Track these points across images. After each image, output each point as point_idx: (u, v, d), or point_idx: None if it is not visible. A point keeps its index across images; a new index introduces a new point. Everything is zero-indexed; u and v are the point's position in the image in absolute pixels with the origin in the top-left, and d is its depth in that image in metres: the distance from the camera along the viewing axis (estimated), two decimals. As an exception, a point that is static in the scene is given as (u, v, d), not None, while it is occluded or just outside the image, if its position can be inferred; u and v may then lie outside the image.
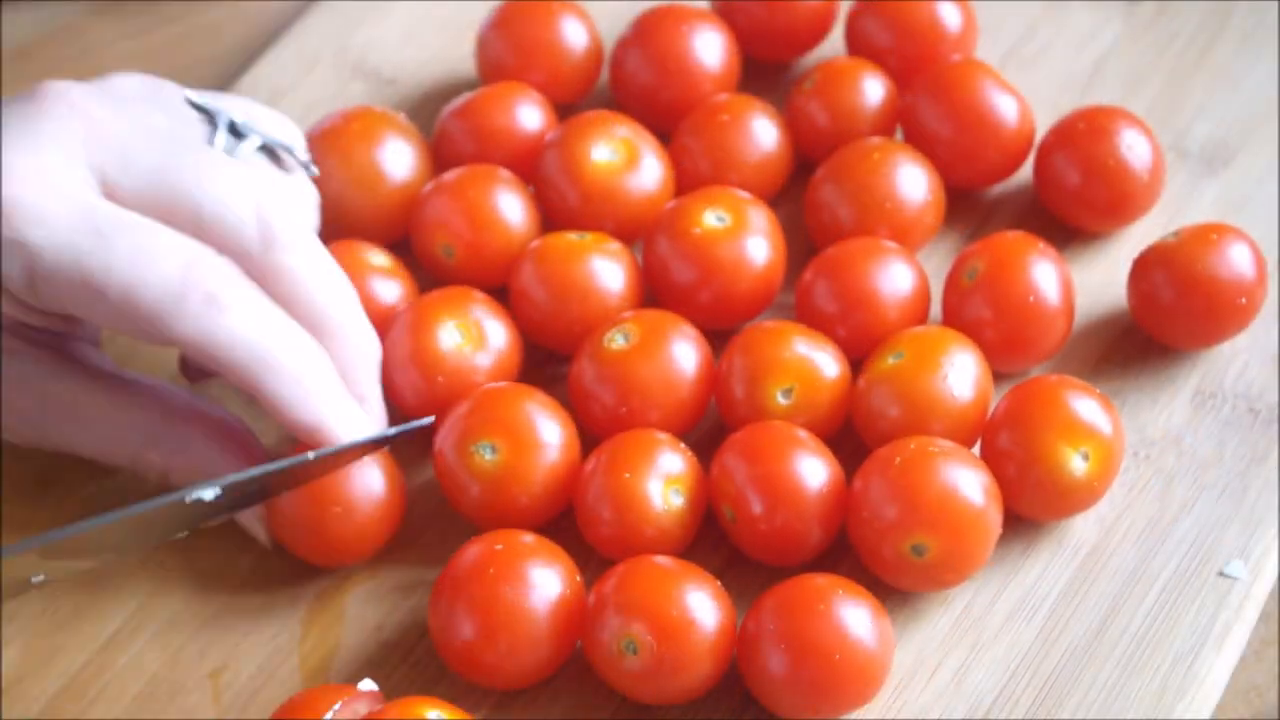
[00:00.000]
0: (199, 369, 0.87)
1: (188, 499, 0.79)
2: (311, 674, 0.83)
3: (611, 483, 0.82)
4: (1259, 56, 1.00)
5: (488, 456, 0.83)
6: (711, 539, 0.85)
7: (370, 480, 0.84)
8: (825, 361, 0.85)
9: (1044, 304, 0.87)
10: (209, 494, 0.79)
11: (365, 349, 0.85)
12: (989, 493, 0.81)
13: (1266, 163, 0.96)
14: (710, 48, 0.97)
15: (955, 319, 0.88)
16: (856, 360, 0.87)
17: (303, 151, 0.88)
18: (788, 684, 0.78)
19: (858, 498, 0.82)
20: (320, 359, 0.82)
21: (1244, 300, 0.87)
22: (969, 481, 0.81)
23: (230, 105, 0.87)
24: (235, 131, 0.86)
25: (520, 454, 0.83)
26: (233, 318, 0.80)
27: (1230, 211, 0.94)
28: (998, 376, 0.88)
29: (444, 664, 0.82)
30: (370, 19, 1.04)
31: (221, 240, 0.81)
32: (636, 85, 0.97)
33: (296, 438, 0.83)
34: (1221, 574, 0.83)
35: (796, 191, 0.95)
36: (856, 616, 0.78)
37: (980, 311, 0.87)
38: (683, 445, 0.84)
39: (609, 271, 0.89)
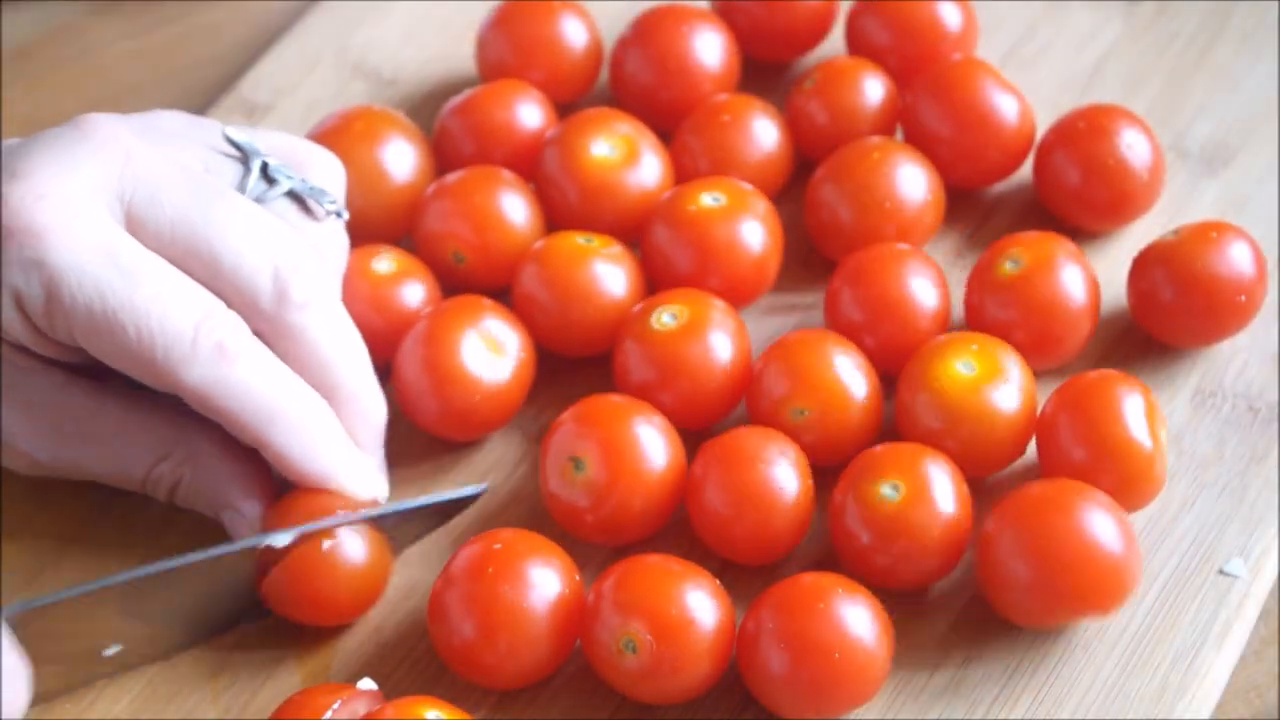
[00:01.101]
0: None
1: (260, 545, 0.80)
2: (311, 674, 0.83)
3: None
4: (1259, 56, 1.00)
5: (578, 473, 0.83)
6: (711, 538, 0.85)
7: (353, 550, 0.82)
8: (855, 381, 0.85)
9: (1074, 304, 0.87)
10: (283, 540, 0.80)
11: (371, 414, 0.85)
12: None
13: (1266, 162, 0.96)
14: (710, 48, 0.97)
15: (980, 319, 0.88)
16: (884, 369, 0.87)
17: (335, 197, 0.87)
18: (788, 683, 0.78)
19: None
20: (326, 412, 0.82)
21: (1244, 299, 0.87)
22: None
23: (271, 144, 0.87)
24: (267, 175, 0.86)
25: (623, 470, 0.83)
26: (240, 369, 0.80)
27: (1230, 211, 0.94)
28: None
29: (444, 664, 0.81)
30: (370, 19, 1.04)
31: (236, 292, 0.81)
32: (636, 85, 0.97)
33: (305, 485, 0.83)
34: (1221, 572, 0.83)
35: (797, 191, 0.95)
36: (856, 615, 0.78)
37: (1008, 312, 0.87)
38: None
39: (612, 275, 0.89)
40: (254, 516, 0.84)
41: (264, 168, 0.85)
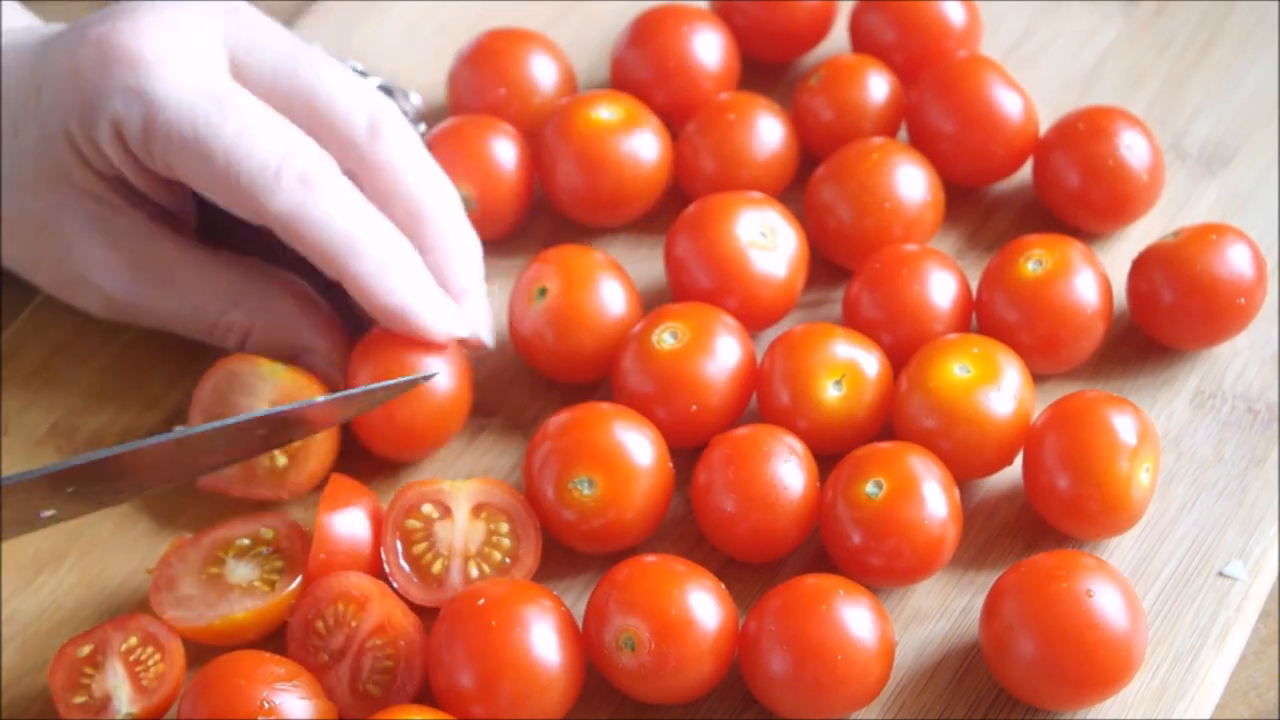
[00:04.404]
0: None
1: (187, 433, 0.81)
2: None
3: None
4: (1258, 56, 1.00)
5: (585, 491, 0.83)
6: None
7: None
8: (867, 360, 0.86)
9: (1090, 309, 0.87)
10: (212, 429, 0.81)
11: (465, 244, 0.88)
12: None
13: (1266, 163, 0.96)
14: (710, 47, 0.97)
15: (993, 320, 0.88)
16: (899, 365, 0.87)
17: (416, 108, 0.92)
18: (789, 684, 0.78)
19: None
20: (408, 250, 0.86)
21: (1243, 300, 0.87)
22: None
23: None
24: (359, 71, 0.91)
25: (618, 485, 0.83)
26: (323, 199, 0.84)
27: (1229, 212, 0.94)
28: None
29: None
30: (368, 20, 1.04)
31: (332, 128, 0.86)
32: (636, 84, 0.96)
33: (382, 322, 0.85)
34: (1221, 574, 0.83)
35: (801, 188, 0.95)
36: (858, 617, 0.78)
37: (1026, 313, 0.87)
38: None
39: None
40: (331, 354, 0.87)
41: (353, 68, 0.91)
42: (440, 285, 0.87)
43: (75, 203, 0.87)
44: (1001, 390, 0.84)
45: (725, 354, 0.86)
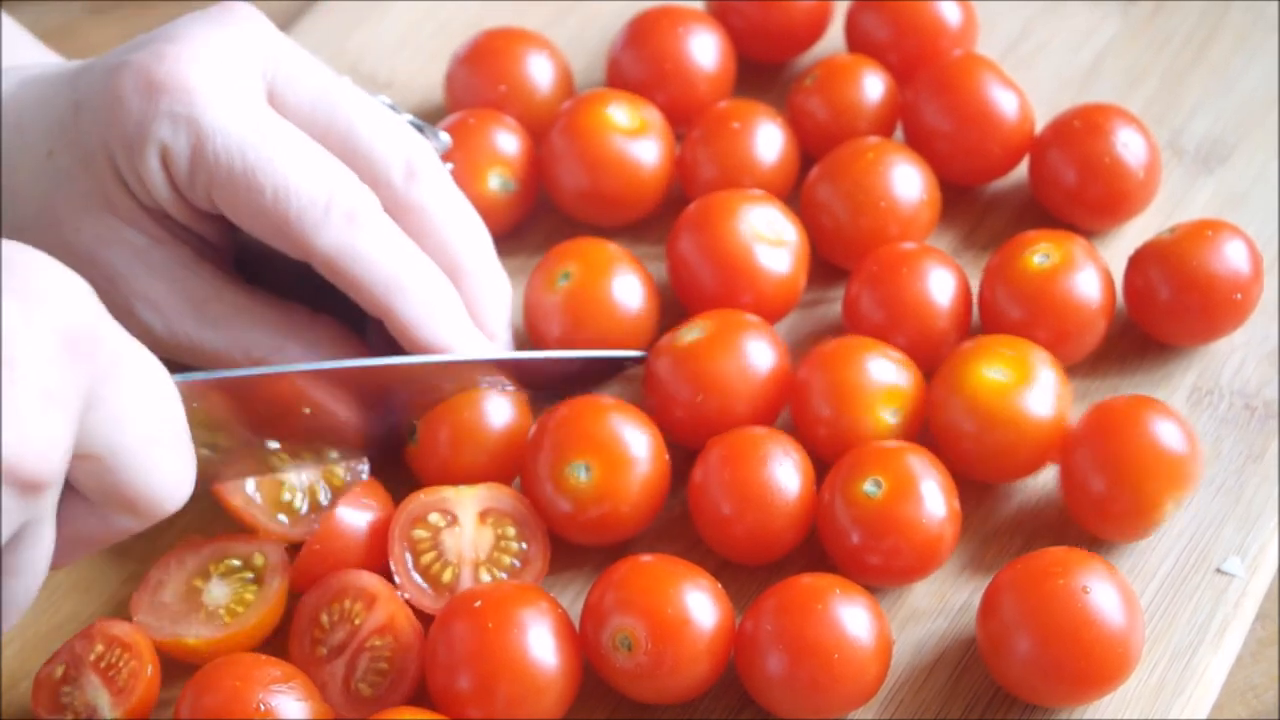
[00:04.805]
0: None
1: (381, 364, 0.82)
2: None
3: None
4: (1255, 54, 1.00)
5: (581, 477, 0.83)
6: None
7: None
8: (907, 378, 0.85)
9: (1094, 303, 0.87)
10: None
11: (496, 289, 0.88)
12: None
13: (1263, 160, 0.96)
14: (706, 48, 0.97)
15: (997, 317, 0.88)
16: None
17: (446, 145, 0.92)
18: (786, 684, 0.78)
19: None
20: (449, 291, 0.85)
21: (1240, 297, 0.87)
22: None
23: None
24: (389, 107, 0.90)
25: (613, 473, 0.83)
26: (370, 236, 0.83)
27: (1226, 209, 0.94)
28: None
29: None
30: (366, 22, 1.04)
31: (369, 167, 0.85)
32: (633, 85, 0.97)
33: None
34: (1219, 571, 0.83)
35: (796, 189, 0.95)
36: (855, 616, 0.78)
37: (1029, 309, 0.87)
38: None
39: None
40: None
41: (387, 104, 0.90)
42: None
43: (119, 233, 0.85)
44: (1038, 391, 0.83)
45: (757, 357, 0.86)
